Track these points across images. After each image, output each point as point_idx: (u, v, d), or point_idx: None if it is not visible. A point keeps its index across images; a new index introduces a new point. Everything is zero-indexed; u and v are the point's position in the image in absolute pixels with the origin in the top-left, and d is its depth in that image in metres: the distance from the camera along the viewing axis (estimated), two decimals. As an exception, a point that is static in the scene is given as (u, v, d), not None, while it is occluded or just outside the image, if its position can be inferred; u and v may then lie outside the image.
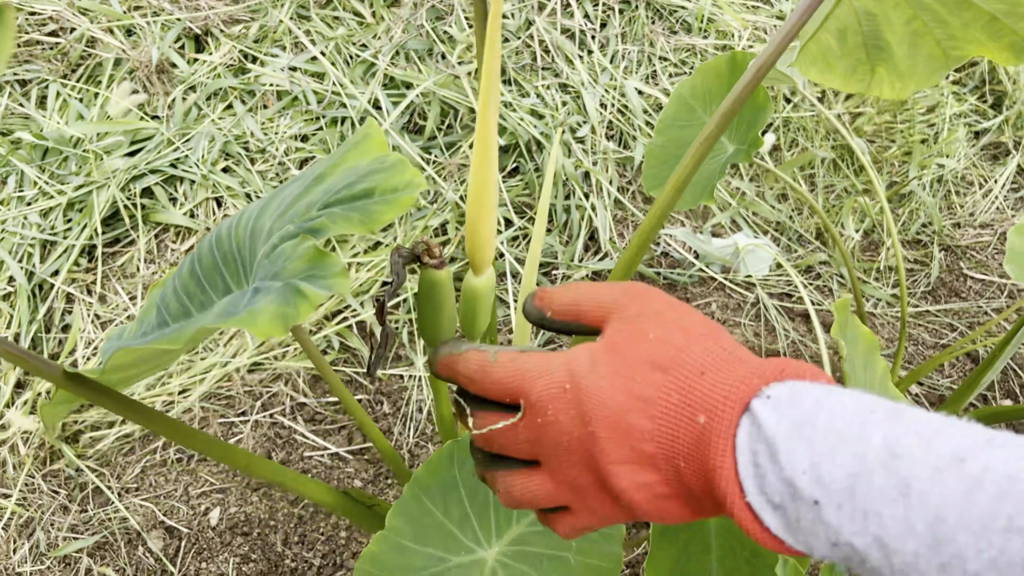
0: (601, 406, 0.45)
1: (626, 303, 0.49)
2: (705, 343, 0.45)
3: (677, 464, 0.44)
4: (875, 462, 0.37)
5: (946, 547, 0.34)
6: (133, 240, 1.58)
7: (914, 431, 0.37)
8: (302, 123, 1.68)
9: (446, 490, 0.74)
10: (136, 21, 1.73)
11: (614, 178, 1.74)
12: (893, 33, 0.91)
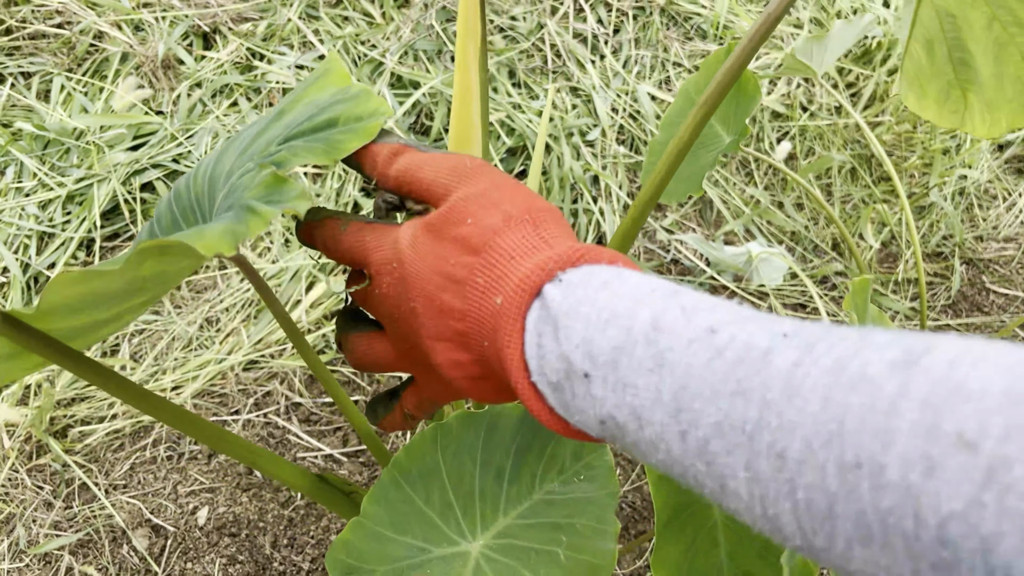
0: (420, 284, 0.47)
1: (454, 184, 0.49)
2: (524, 229, 0.45)
3: (483, 344, 0.45)
4: (639, 335, 0.37)
5: (685, 414, 0.35)
6: (132, 235, 1.55)
7: (680, 306, 0.38)
8: (307, 121, 1.65)
9: (428, 476, 0.69)
10: (145, 17, 1.71)
11: (624, 183, 1.70)
12: (976, 41, 0.84)
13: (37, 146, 1.55)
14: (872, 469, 0.27)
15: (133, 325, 1.44)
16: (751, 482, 0.32)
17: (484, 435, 0.72)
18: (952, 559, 0.25)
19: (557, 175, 1.65)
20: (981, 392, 0.26)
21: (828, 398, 0.29)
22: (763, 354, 0.33)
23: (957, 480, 0.25)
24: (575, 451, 0.75)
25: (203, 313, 1.50)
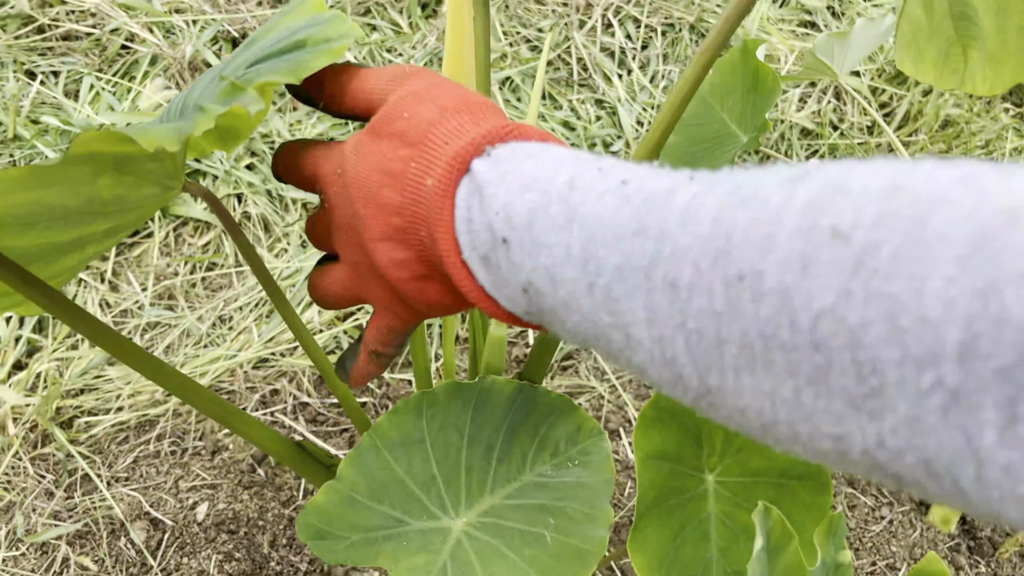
0: (360, 186, 0.46)
1: (393, 86, 0.48)
2: (459, 118, 0.45)
3: (421, 237, 0.44)
4: (555, 195, 0.37)
5: (591, 264, 0.34)
6: (152, 232, 1.56)
7: (598, 166, 0.38)
8: (329, 124, 1.66)
9: (410, 445, 0.66)
10: (176, 22, 1.74)
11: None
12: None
13: (63, 141, 1.57)
14: (753, 279, 0.27)
15: (144, 318, 1.44)
16: (650, 324, 0.32)
17: (473, 409, 0.69)
18: (824, 363, 0.25)
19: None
20: (861, 188, 0.26)
21: (718, 218, 0.30)
22: (667, 193, 0.33)
23: (828, 273, 0.25)
24: (570, 435, 0.72)
25: (217, 311, 1.49)
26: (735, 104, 1.04)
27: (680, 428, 0.72)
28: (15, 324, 1.40)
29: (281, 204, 1.59)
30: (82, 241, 0.49)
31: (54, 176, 0.40)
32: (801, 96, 1.87)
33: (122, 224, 0.51)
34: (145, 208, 0.51)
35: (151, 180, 0.48)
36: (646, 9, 1.96)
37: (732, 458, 0.74)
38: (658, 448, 0.70)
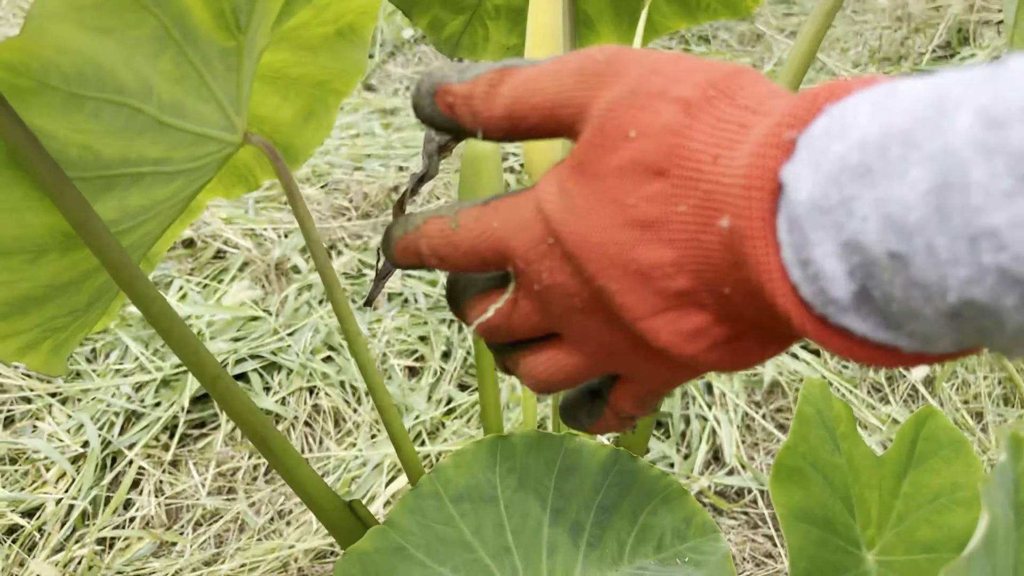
0: (595, 252, 0.33)
1: (589, 91, 0.34)
2: (716, 109, 0.31)
3: (722, 293, 0.32)
4: (970, 147, 0.23)
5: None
6: (218, 425, 1.49)
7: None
8: (408, 320, 1.63)
9: (480, 501, 0.54)
10: (268, 234, 1.81)
11: (740, 392, 1.56)
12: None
13: (145, 333, 1.57)
14: None
15: (199, 511, 1.33)
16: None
17: (558, 475, 0.57)
18: None
19: (667, 378, 1.53)
20: None
21: None
22: None
23: None
24: (678, 528, 0.58)
25: (276, 505, 1.37)
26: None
27: (826, 485, 0.57)
28: (64, 507, 1.30)
29: (354, 395, 1.53)
30: (143, 184, 0.43)
31: (113, 8, 0.35)
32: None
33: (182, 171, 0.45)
34: (207, 158, 0.45)
35: (212, 91, 0.42)
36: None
37: (894, 531, 0.58)
38: (802, 507, 0.56)
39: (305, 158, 0.60)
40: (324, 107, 0.63)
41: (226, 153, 0.47)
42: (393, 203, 1.92)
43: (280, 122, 0.61)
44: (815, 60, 2.68)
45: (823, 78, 2.51)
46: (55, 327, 0.48)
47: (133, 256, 0.50)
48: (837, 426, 0.61)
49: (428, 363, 1.57)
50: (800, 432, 0.58)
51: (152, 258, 0.64)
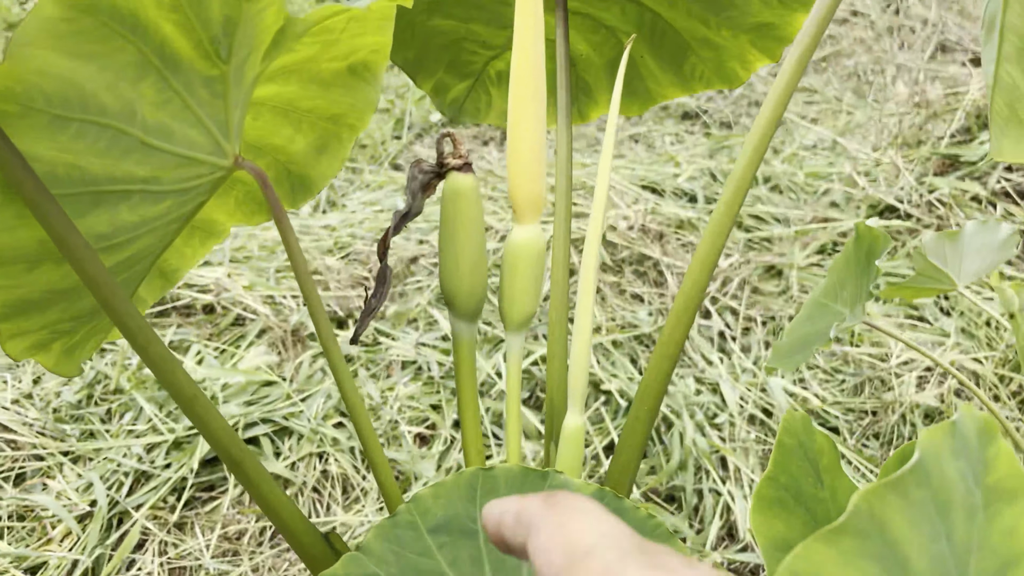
0: None
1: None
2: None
3: None
4: None
5: None
6: (226, 489, 1.49)
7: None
8: (421, 388, 1.63)
9: (458, 534, 0.53)
10: (287, 301, 1.83)
11: (756, 468, 1.53)
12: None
13: (160, 395, 1.59)
14: None
15: (203, 574, 1.32)
16: None
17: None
18: None
19: (679, 451, 1.50)
20: None
21: None
22: None
23: None
24: None
25: (279, 571, 1.36)
26: (849, 295, 0.97)
27: (809, 518, 0.56)
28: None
29: (363, 462, 1.52)
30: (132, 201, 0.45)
31: (92, 38, 0.37)
32: (919, 381, 1.75)
33: (172, 191, 0.47)
34: (197, 180, 0.47)
35: (198, 116, 0.44)
36: (744, 302, 1.96)
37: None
38: (783, 538, 0.54)
39: (319, 189, 0.62)
40: (338, 141, 0.65)
41: (218, 176, 0.49)
42: (410, 270, 1.94)
43: (294, 153, 0.63)
44: (836, 144, 2.71)
45: (844, 162, 2.54)
46: (62, 330, 0.50)
47: (137, 267, 0.52)
48: (820, 459, 0.60)
49: (439, 431, 1.57)
50: (781, 463, 0.57)
51: (171, 275, 0.66)
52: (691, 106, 3.21)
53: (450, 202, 0.52)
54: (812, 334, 0.98)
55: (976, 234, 1.06)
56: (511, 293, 0.55)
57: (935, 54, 3.63)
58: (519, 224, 0.54)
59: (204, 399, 0.48)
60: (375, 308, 0.54)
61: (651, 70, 0.89)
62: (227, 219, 0.68)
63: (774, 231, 2.23)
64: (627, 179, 2.42)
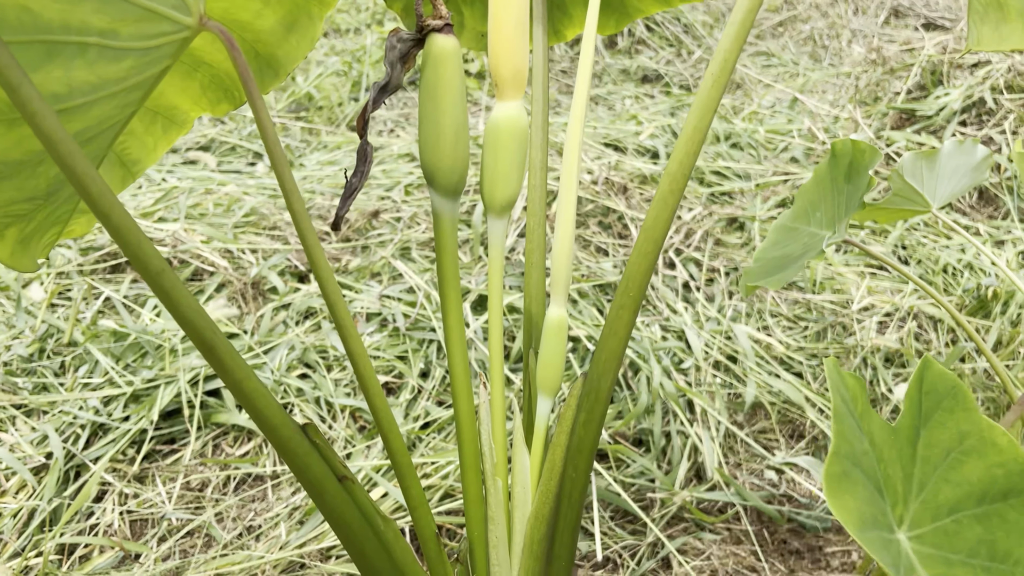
0: None
1: None
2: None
3: None
4: None
5: None
6: (187, 442, 1.45)
7: None
8: (387, 341, 1.61)
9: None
10: (247, 255, 1.79)
11: (722, 410, 1.53)
12: None
13: (116, 347, 1.54)
14: None
15: (165, 524, 1.28)
16: None
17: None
18: None
19: (647, 394, 1.50)
20: None
21: None
22: None
23: None
24: None
25: (245, 521, 1.33)
26: (824, 214, 0.97)
27: (864, 478, 0.54)
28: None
29: (330, 412, 1.50)
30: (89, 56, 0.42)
31: None
32: (879, 326, 1.77)
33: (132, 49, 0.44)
34: (158, 39, 0.45)
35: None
36: (707, 253, 1.96)
37: (917, 499, 0.55)
38: (861, 514, 0.52)
39: (287, 71, 0.59)
40: (308, 17, 0.62)
41: (182, 36, 0.46)
42: (371, 224, 1.91)
43: (261, 30, 0.60)
44: (796, 102, 2.73)
45: (804, 119, 2.56)
46: (16, 213, 0.47)
47: (95, 143, 0.48)
48: (855, 406, 0.59)
49: (406, 380, 1.55)
50: (842, 433, 0.55)
51: (132, 166, 0.63)
52: (651, 68, 3.21)
53: (431, 67, 0.49)
54: (783, 257, 0.98)
55: (952, 155, 1.07)
56: (493, 173, 0.53)
57: (889, 19, 3.67)
58: (501, 101, 0.52)
59: (171, 274, 0.46)
60: (357, 187, 0.52)
61: (628, -15, 0.88)
62: (191, 106, 0.65)
63: (736, 186, 2.24)
64: (590, 137, 2.41)
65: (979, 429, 0.59)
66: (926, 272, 1.92)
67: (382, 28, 3.36)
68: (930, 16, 3.57)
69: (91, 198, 0.43)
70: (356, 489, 0.60)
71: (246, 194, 2.08)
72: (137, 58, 0.44)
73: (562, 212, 0.56)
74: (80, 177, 0.42)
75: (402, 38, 0.48)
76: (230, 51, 0.47)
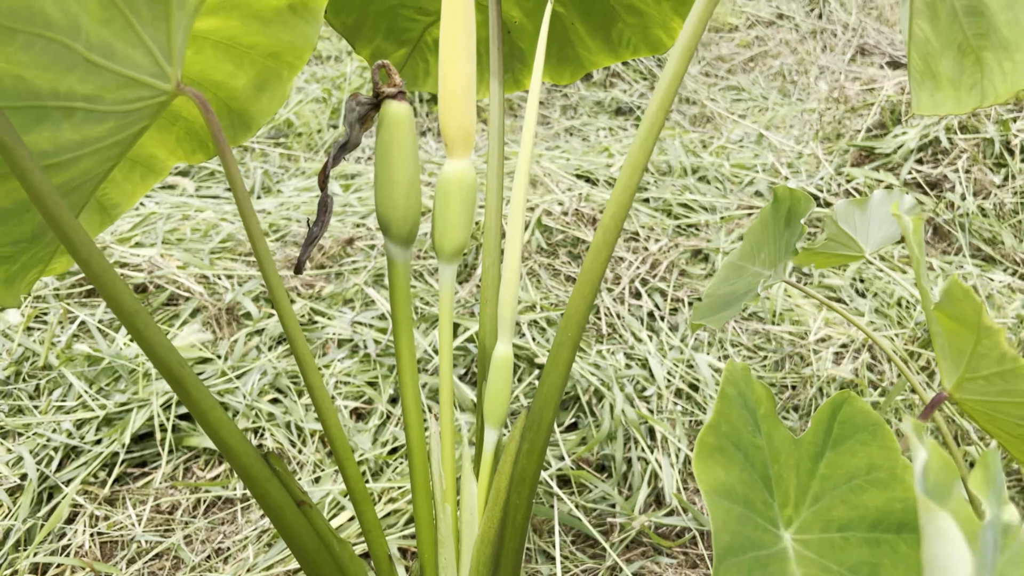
0: None
1: None
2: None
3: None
4: None
5: None
6: (159, 465, 1.48)
7: None
8: (358, 366, 1.65)
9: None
10: (222, 281, 1.83)
11: (683, 438, 1.58)
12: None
13: (90, 370, 1.57)
14: None
15: (135, 547, 1.31)
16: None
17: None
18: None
19: (610, 421, 1.55)
20: None
21: None
22: None
23: None
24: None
25: (214, 543, 1.36)
26: (768, 255, 1.03)
27: (746, 464, 0.60)
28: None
29: (299, 437, 1.53)
30: (75, 119, 0.47)
31: None
32: (835, 357, 1.84)
33: (114, 112, 0.49)
34: (138, 103, 0.50)
35: (140, 36, 0.47)
36: (672, 284, 2.02)
37: (810, 509, 0.61)
38: (724, 484, 0.58)
39: (259, 126, 0.64)
40: (277, 78, 0.68)
41: (159, 100, 0.51)
42: (345, 251, 1.96)
43: (235, 88, 0.65)
44: (763, 137, 2.81)
45: (768, 154, 2.63)
46: (2, 255, 0.51)
47: (77, 193, 0.53)
48: (758, 408, 0.64)
49: (375, 406, 1.59)
50: (723, 412, 0.61)
51: (112, 210, 0.67)
52: (624, 101, 3.28)
53: (386, 129, 0.54)
54: (730, 294, 1.03)
55: (882, 203, 1.14)
56: (444, 224, 0.58)
57: (855, 56, 3.78)
58: (451, 158, 0.57)
59: (145, 315, 0.50)
60: (317, 236, 0.57)
61: (581, 36, 0.93)
62: (168, 156, 0.70)
63: (701, 218, 2.31)
64: (562, 168, 2.47)
65: (892, 466, 0.64)
66: (881, 305, 1.99)
67: (361, 56, 3.42)
68: (894, 55, 3.68)
69: (73, 246, 0.48)
70: (313, 514, 0.64)
71: (223, 220, 2.12)
72: (119, 119, 0.49)
73: (508, 258, 0.61)
74: (63, 228, 0.47)
75: (360, 102, 0.53)
76: (204, 113, 0.52)
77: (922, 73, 0.91)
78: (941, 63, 0.90)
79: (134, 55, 0.47)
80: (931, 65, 0.90)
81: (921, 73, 0.91)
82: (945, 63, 0.89)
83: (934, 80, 0.90)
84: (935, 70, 0.90)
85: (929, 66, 0.90)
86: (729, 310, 0.99)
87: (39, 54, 0.44)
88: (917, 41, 0.90)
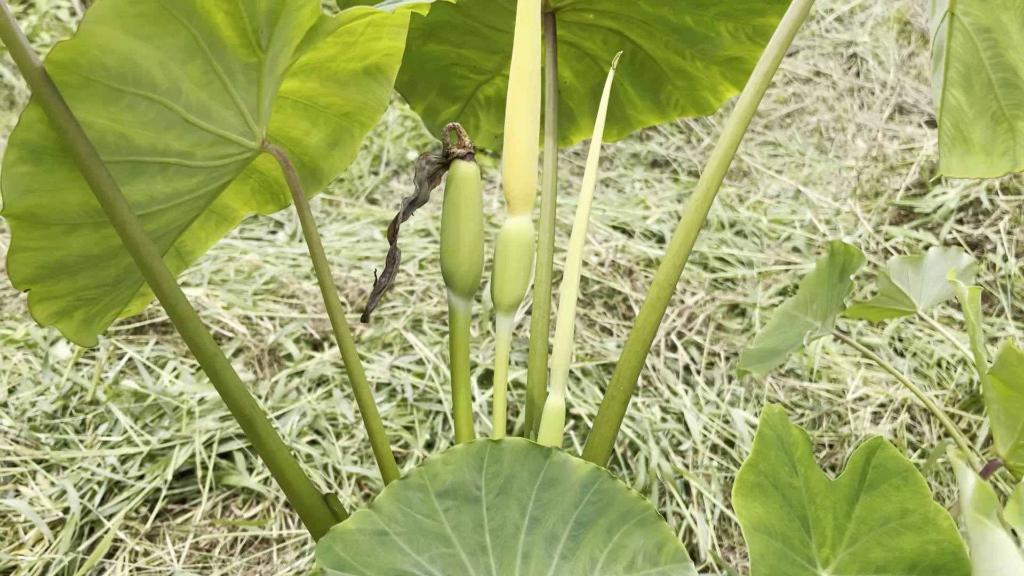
0: None
1: None
2: None
3: None
4: None
5: None
6: (199, 502, 1.51)
7: None
8: (395, 410, 1.67)
9: (464, 500, 0.57)
10: (264, 322, 1.87)
11: (718, 493, 1.58)
12: (1016, 51, 0.83)
13: (136, 406, 1.60)
14: None
15: (173, 577, 1.33)
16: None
17: (539, 486, 0.61)
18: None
19: (644, 474, 1.55)
20: None
21: None
22: None
23: None
24: (649, 552, 0.61)
25: (250, 582, 1.37)
26: (820, 306, 1.04)
27: (784, 503, 0.61)
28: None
29: (335, 478, 1.55)
30: (168, 173, 0.50)
31: (152, 20, 0.43)
32: (873, 416, 1.82)
33: (204, 167, 0.52)
34: (226, 159, 0.53)
35: (234, 98, 0.50)
36: (708, 338, 2.03)
37: (847, 551, 0.61)
38: (762, 520, 0.59)
39: (329, 181, 0.67)
40: (349, 136, 0.71)
41: (245, 157, 0.54)
42: (385, 296, 1.99)
43: (309, 145, 0.69)
44: (800, 193, 2.82)
45: (807, 211, 2.64)
46: (87, 298, 0.54)
47: (161, 241, 0.56)
48: (795, 451, 0.65)
49: (411, 451, 1.60)
50: (761, 451, 0.62)
51: (186, 256, 0.71)
52: (660, 154, 3.32)
53: (455, 187, 0.57)
54: (782, 342, 1.04)
55: (937, 261, 1.14)
56: (503, 278, 0.61)
57: (893, 115, 3.79)
58: (512, 216, 0.60)
59: (223, 358, 0.53)
60: (385, 286, 0.59)
61: (630, 97, 0.96)
62: (241, 206, 0.73)
63: (738, 272, 2.31)
64: (599, 219, 2.50)
65: (925, 510, 0.65)
66: (921, 365, 1.98)
67: (403, 105, 3.49)
68: (933, 114, 3.68)
69: (162, 292, 0.51)
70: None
71: (266, 262, 2.17)
72: (207, 174, 0.52)
73: (562, 316, 0.63)
74: (154, 274, 0.50)
75: (431, 160, 0.55)
76: (285, 169, 0.55)
77: (953, 138, 0.92)
78: (974, 130, 0.91)
79: (227, 116, 0.50)
80: (963, 131, 0.92)
81: (952, 138, 0.93)
82: (978, 130, 0.91)
83: (965, 145, 0.92)
84: (967, 136, 0.91)
85: (961, 132, 0.92)
86: (775, 359, 1.00)
87: (141, 113, 0.47)
88: (950, 108, 0.92)
